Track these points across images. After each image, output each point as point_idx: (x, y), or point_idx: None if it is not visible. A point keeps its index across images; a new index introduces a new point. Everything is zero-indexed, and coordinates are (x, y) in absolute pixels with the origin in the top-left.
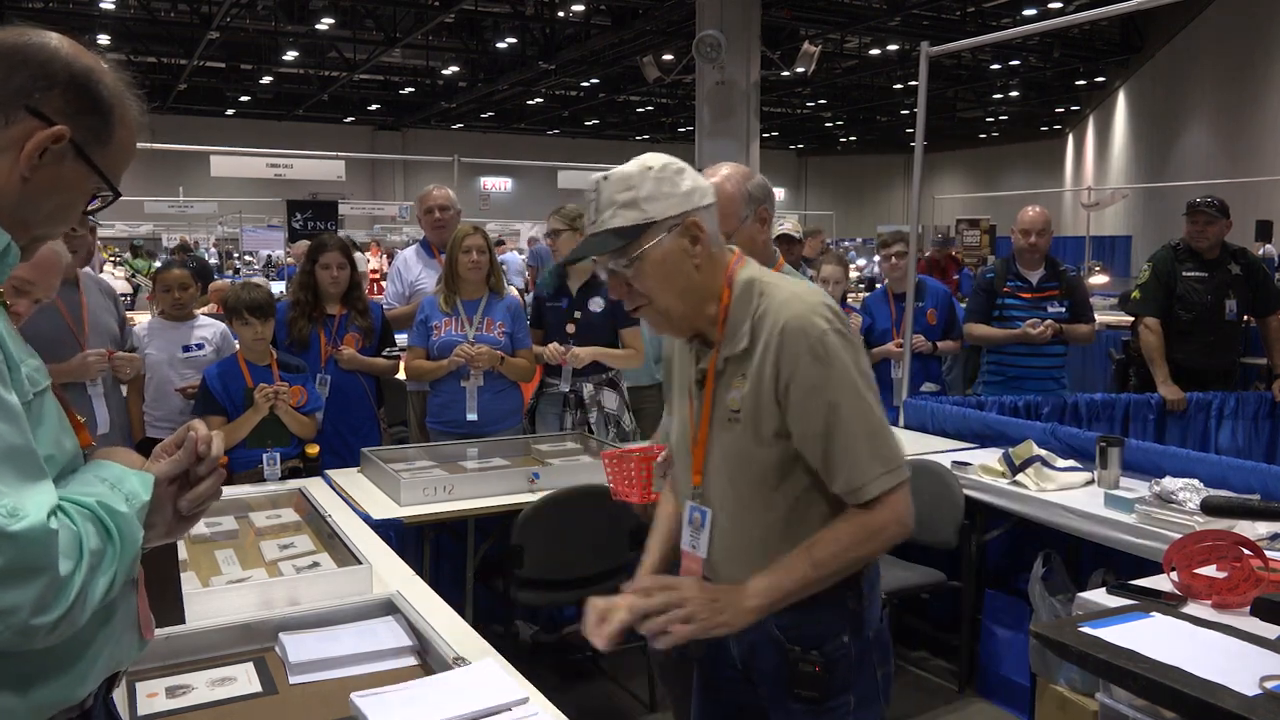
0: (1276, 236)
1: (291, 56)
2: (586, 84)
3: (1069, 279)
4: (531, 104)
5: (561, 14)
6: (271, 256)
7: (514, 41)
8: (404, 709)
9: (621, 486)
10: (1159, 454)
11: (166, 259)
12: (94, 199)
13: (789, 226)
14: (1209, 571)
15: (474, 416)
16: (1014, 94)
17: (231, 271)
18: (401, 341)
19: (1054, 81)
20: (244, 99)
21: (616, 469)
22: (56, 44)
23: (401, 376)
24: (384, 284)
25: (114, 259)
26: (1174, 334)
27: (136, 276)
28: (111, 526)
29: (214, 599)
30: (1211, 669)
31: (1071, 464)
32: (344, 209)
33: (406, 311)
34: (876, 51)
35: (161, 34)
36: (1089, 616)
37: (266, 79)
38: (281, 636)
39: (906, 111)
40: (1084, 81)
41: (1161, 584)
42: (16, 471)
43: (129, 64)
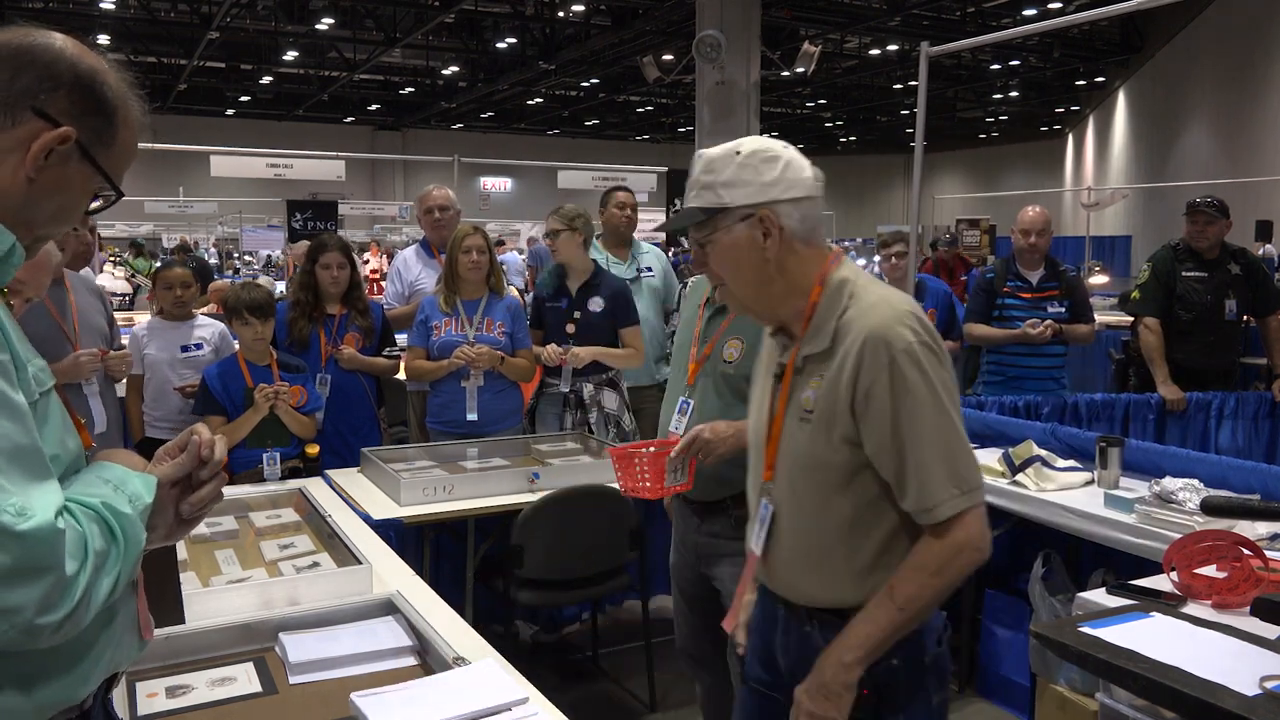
0: (1276, 236)
1: (291, 56)
2: (586, 84)
3: (1069, 279)
4: (531, 104)
5: (561, 14)
6: (271, 256)
7: (514, 41)
8: (404, 709)
9: (631, 483)
10: (1159, 454)
11: (167, 259)
12: (95, 199)
13: None
14: (1209, 571)
15: (474, 416)
16: (1014, 94)
17: (231, 271)
18: (401, 341)
19: (1054, 81)
20: (244, 99)
21: (626, 467)
22: (61, 44)
23: (401, 376)
24: (384, 284)
25: (114, 259)
26: (1174, 334)
27: (137, 276)
28: (116, 528)
29: (214, 599)
30: (1211, 669)
31: (1071, 464)
32: (344, 209)
33: (406, 311)
34: (876, 51)
35: (161, 34)
36: (1089, 616)
37: (266, 79)
38: (281, 636)
39: (906, 111)
40: (1084, 81)
41: (1161, 584)
42: (23, 471)
43: (129, 64)
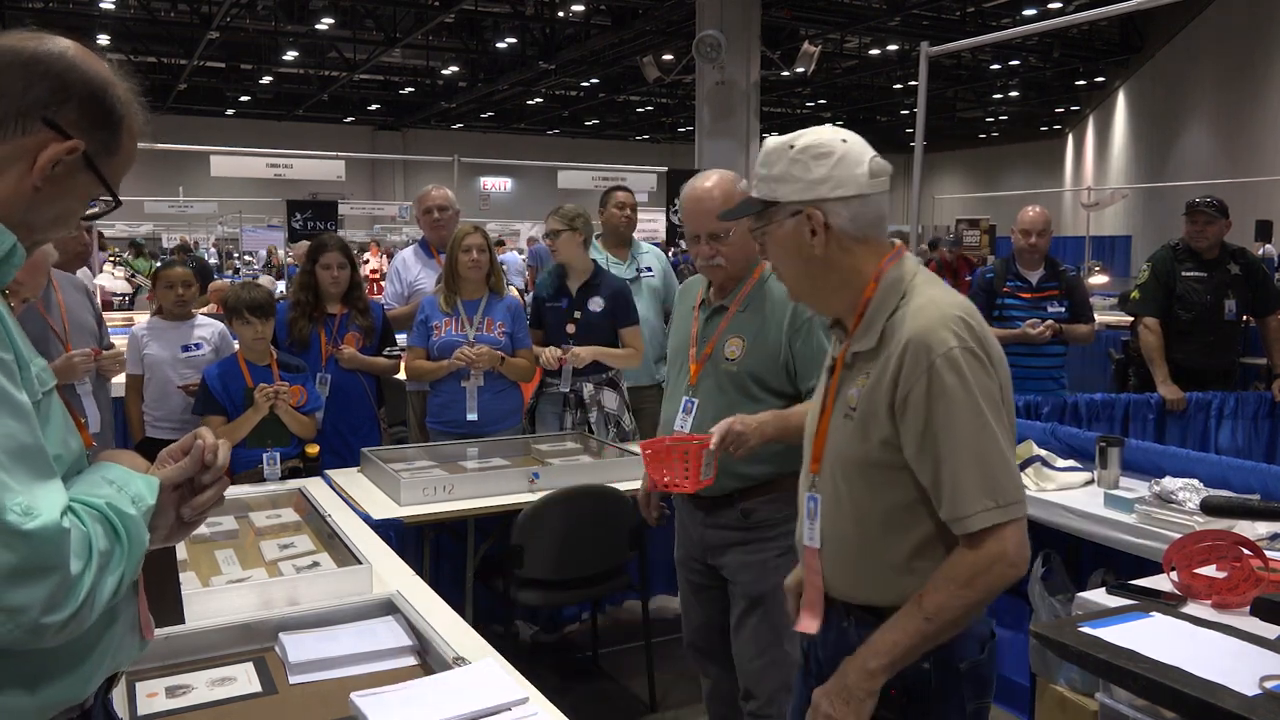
0: (1276, 236)
1: (291, 56)
2: (586, 84)
3: (1069, 279)
4: (531, 104)
5: (561, 14)
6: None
7: (514, 41)
8: (404, 709)
9: (669, 477)
10: (1159, 454)
11: (167, 259)
12: (93, 202)
13: None
14: (1209, 571)
15: (474, 416)
16: (1014, 94)
17: (231, 271)
18: (401, 341)
19: (1054, 81)
20: (244, 99)
21: (666, 460)
22: (73, 55)
23: (401, 376)
24: (383, 284)
25: (114, 259)
26: (1173, 334)
27: (137, 276)
28: (120, 528)
29: (214, 599)
30: (1211, 669)
31: (1071, 464)
32: (344, 209)
33: (406, 311)
34: (876, 51)
35: (161, 34)
36: (1089, 616)
37: (266, 79)
38: (281, 636)
39: (906, 111)
40: (1084, 81)
41: (1161, 584)
42: (29, 470)
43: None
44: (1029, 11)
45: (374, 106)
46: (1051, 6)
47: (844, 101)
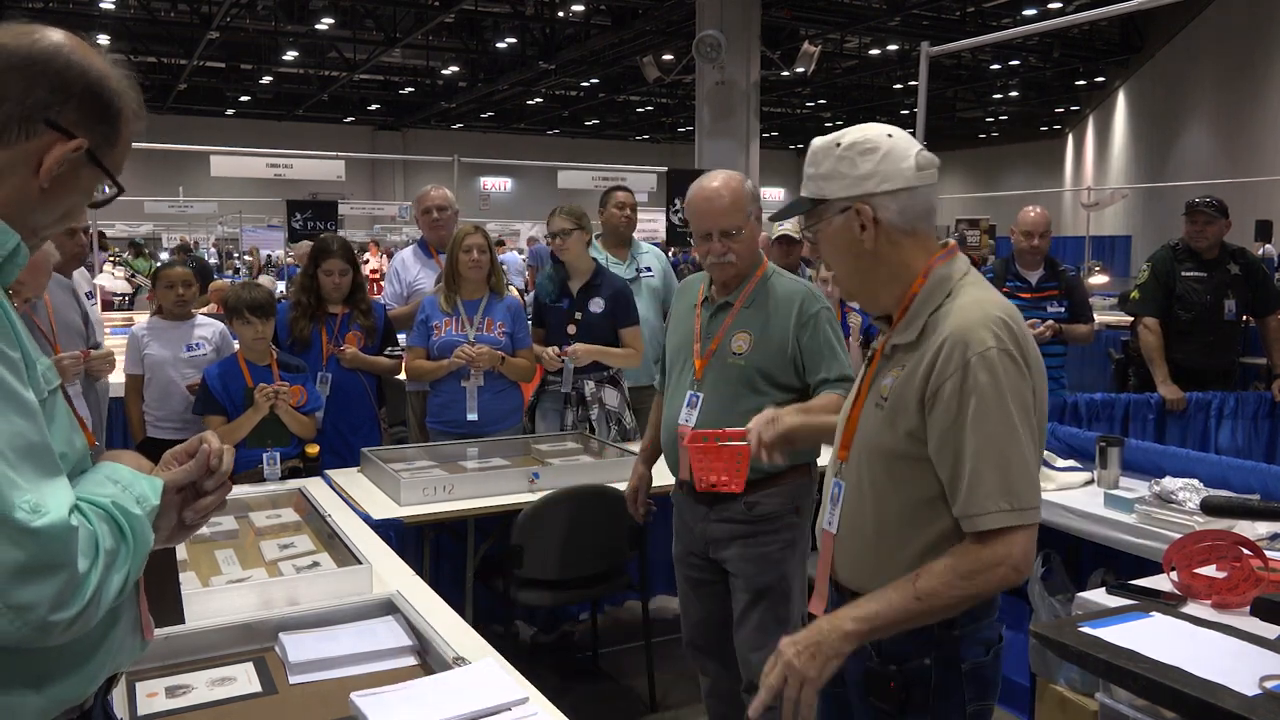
0: (1276, 236)
1: (291, 56)
2: (586, 84)
3: (1068, 279)
4: (531, 104)
5: (561, 14)
6: (271, 256)
7: (514, 41)
8: (404, 709)
9: (708, 476)
10: (1159, 454)
11: (168, 259)
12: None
13: (789, 227)
14: (1209, 571)
15: (474, 416)
16: (1014, 94)
17: (231, 271)
18: (401, 341)
19: (1054, 81)
20: (244, 99)
21: (712, 457)
22: (69, 50)
23: (402, 376)
24: (383, 284)
25: (114, 259)
26: (1173, 334)
27: (137, 276)
28: (125, 527)
29: (214, 599)
30: (1211, 669)
31: (1071, 464)
32: (344, 209)
33: (406, 311)
34: (876, 51)
35: (161, 34)
36: (1089, 616)
37: (266, 79)
38: (281, 636)
39: (906, 111)
40: (1084, 81)
41: (1161, 584)
42: (36, 468)
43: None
44: (1029, 11)
45: (374, 106)
46: (1051, 6)
47: (844, 101)
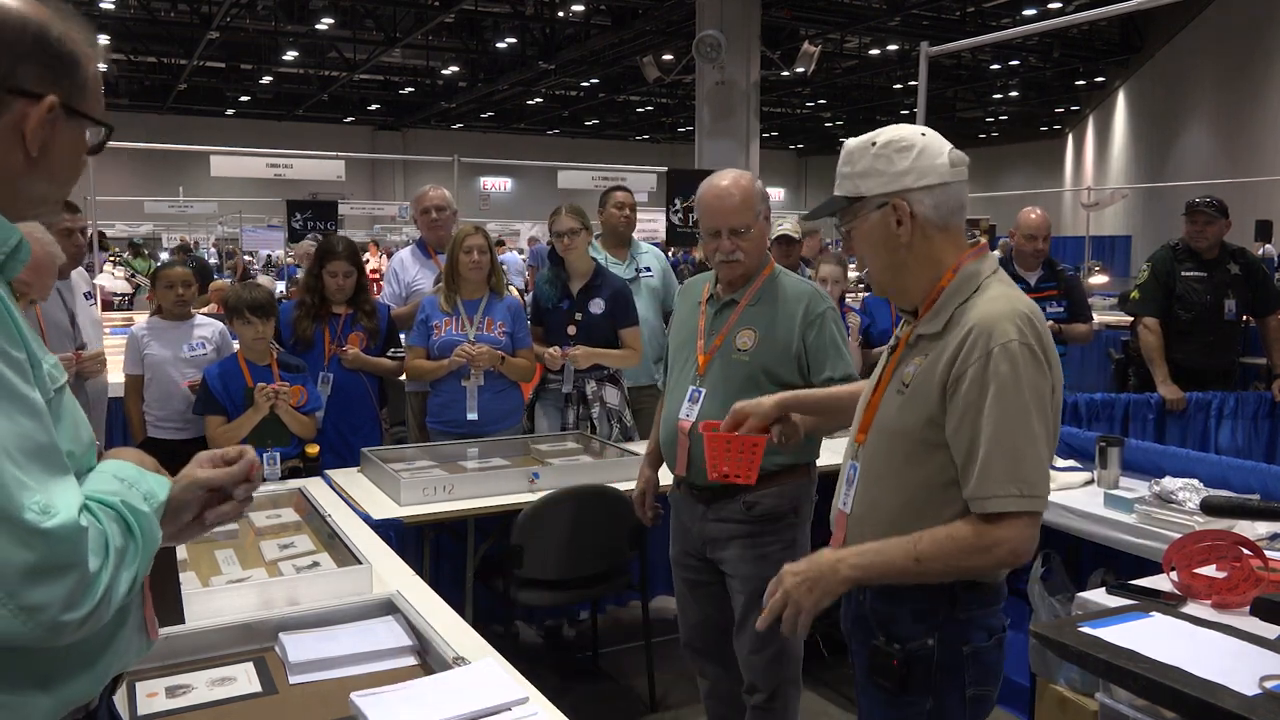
0: (1276, 236)
1: (291, 56)
2: (586, 84)
3: (1067, 279)
4: (531, 104)
5: (561, 14)
6: (271, 256)
7: (514, 41)
8: (404, 709)
9: (721, 467)
10: (1159, 454)
11: (168, 259)
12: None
13: (788, 227)
14: (1209, 571)
15: (474, 416)
16: (1014, 94)
17: (231, 272)
18: (401, 341)
19: (1054, 81)
20: (244, 99)
21: (726, 448)
22: (6, 10)
23: (403, 377)
24: (382, 284)
25: (114, 259)
26: (1173, 334)
27: (136, 276)
28: (134, 525)
29: (214, 599)
30: (1211, 669)
31: (1071, 464)
32: (344, 209)
33: (407, 311)
34: (876, 51)
35: (161, 34)
36: (1089, 616)
37: (266, 79)
38: (281, 636)
39: (906, 111)
40: (1084, 81)
41: (1161, 584)
42: (44, 468)
43: (129, 64)
44: (1029, 11)
45: (374, 106)
46: (1051, 6)
47: (844, 101)
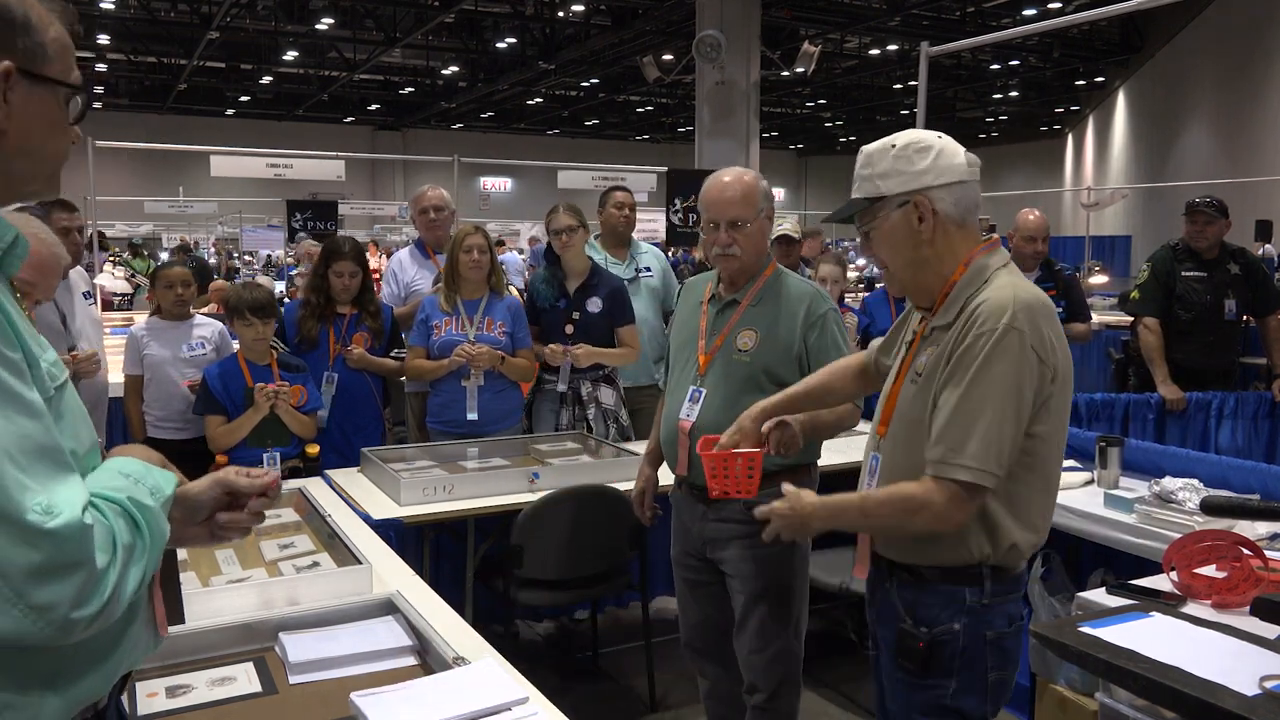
0: (1276, 236)
1: (291, 56)
2: (586, 84)
3: (1064, 278)
4: (531, 104)
5: (561, 14)
6: (271, 256)
7: (514, 41)
8: (404, 709)
9: (722, 484)
10: (1159, 454)
11: (168, 259)
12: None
13: (788, 227)
14: (1209, 571)
15: (474, 416)
16: (1014, 94)
17: (231, 272)
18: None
19: (1054, 81)
20: (244, 99)
21: (725, 466)
22: None
23: (404, 377)
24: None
25: (114, 259)
26: (1173, 334)
27: (136, 276)
28: (140, 521)
29: (214, 599)
30: (1211, 669)
31: (1071, 464)
32: (344, 209)
33: (407, 311)
34: (876, 51)
35: (161, 34)
36: (1089, 616)
37: (266, 79)
38: (281, 636)
39: (906, 111)
40: (1084, 81)
41: (1161, 584)
42: (47, 468)
43: (129, 64)
44: (1029, 11)
45: (374, 106)
46: (1051, 6)
47: (844, 101)
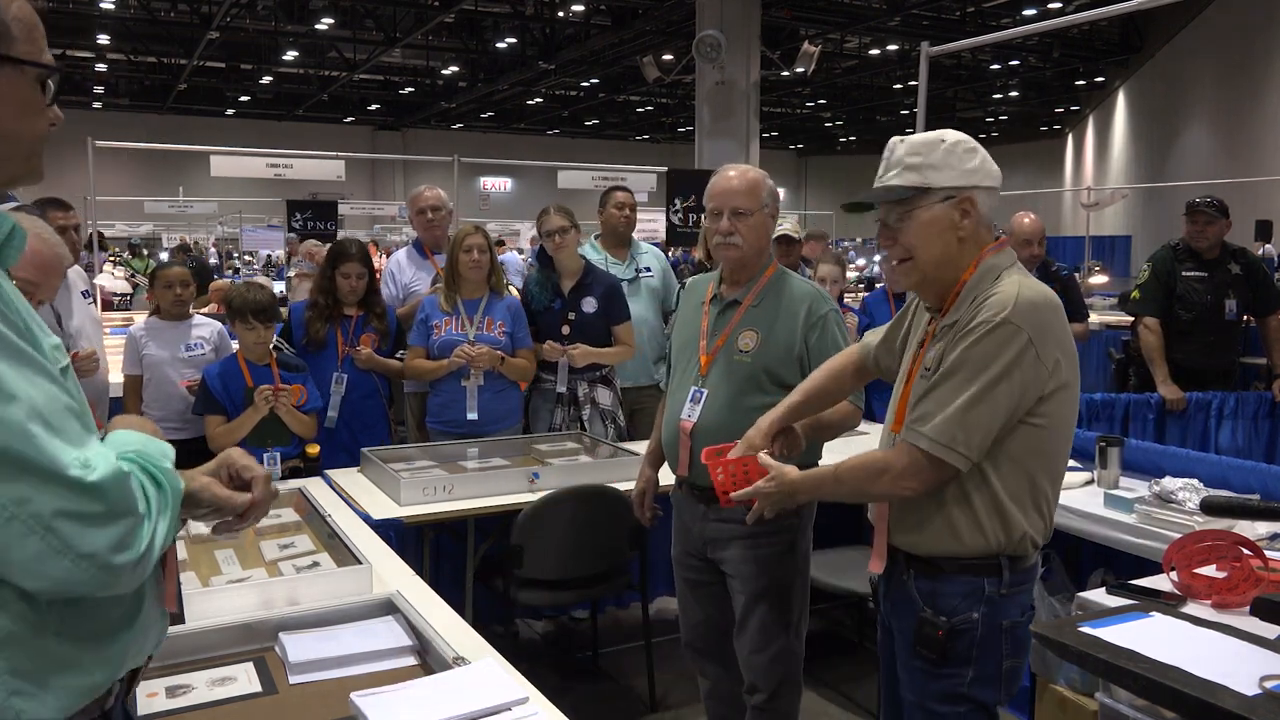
0: (1276, 236)
1: (291, 56)
2: (586, 84)
3: (1062, 279)
4: (531, 104)
5: (561, 14)
6: (271, 256)
7: (514, 41)
8: (404, 709)
9: (732, 491)
10: (1159, 454)
11: (167, 259)
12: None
13: (788, 227)
14: (1209, 571)
15: (474, 416)
16: (1014, 94)
17: (231, 271)
18: None
19: (1054, 81)
20: (244, 99)
21: (732, 474)
22: None
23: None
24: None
25: (114, 259)
26: (1174, 334)
27: (136, 276)
28: (160, 476)
29: (214, 599)
30: (1211, 669)
31: (1071, 464)
32: (344, 209)
33: (406, 311)
34: (876, 51)
35: (161, 34)
36: (1089, 616)
37: (266, 79)
38: (281, 636)
39: (906, 111)
40: (1084, 81)
41: (1161, 584)
42: (77, 428)
43: (129, 64)
44: (1029, 11)
45: (374, 106)
46: (1051, 6)
47: (844, 101)
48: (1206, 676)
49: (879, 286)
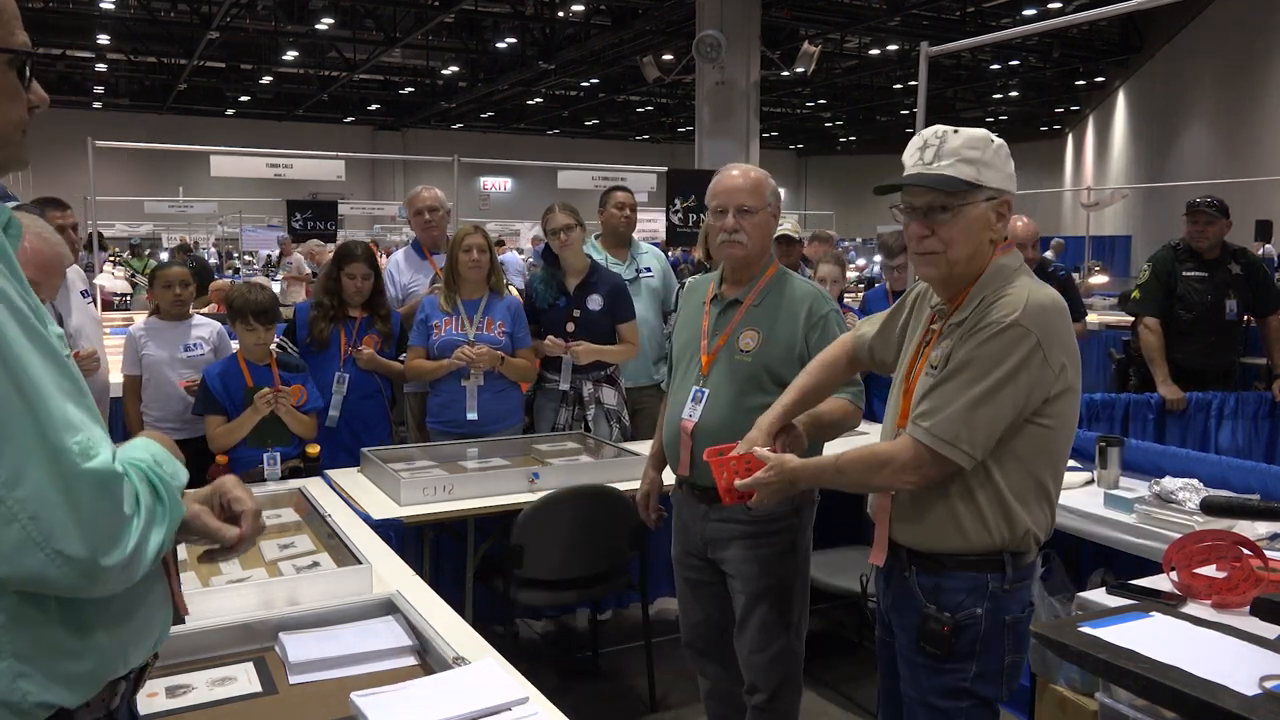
0: (1276, 236)
1: (291, 56)
2: (586, 84)
3: (1059, 279)
4: (531, 104)
5: (561, 14)
6: (271, 256)
7: (514, 41)
8: (404, 709)
9: (734, 489)
10: (1159, 454)
11: (167, 259)
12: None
13: (788, 227)
14: (1209, 571)
15: (474, 416)
16: (1014, 94)
17: (231, 271)
18: None
19: (1054, 81)
20: (244, 99)
21: (734, 472)
22: None
23: None
24: None
25: (114, 259)
26: (1174, 334)
27: (136, 276)
28: (161, 490)
29: (214, 599)
30: (1211, 669)
31: (1071, 464)
32: (344, 209)
33: (406, 312)
34: (876, 51)
35: (161, 34)
36: (1089, 616)
37: (266, 79)
38: (281, 636)
39: (906, 111)
40: (1084, 81)
41: (1161, 584)
42: (84, 411)
43: (129, 64)
44: (1029, 11)
45: (374, 106)
46: (1051, 6)
47: (844, 101)
48: (1206, 676)
49: (879, 285)
